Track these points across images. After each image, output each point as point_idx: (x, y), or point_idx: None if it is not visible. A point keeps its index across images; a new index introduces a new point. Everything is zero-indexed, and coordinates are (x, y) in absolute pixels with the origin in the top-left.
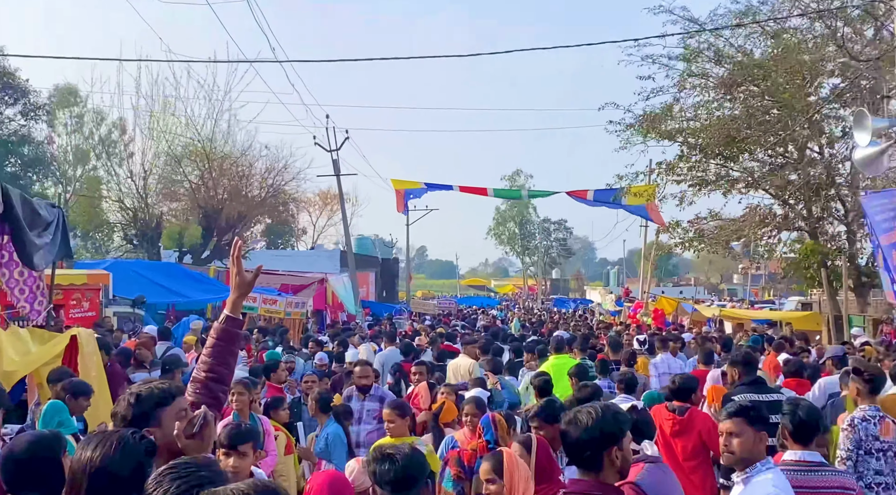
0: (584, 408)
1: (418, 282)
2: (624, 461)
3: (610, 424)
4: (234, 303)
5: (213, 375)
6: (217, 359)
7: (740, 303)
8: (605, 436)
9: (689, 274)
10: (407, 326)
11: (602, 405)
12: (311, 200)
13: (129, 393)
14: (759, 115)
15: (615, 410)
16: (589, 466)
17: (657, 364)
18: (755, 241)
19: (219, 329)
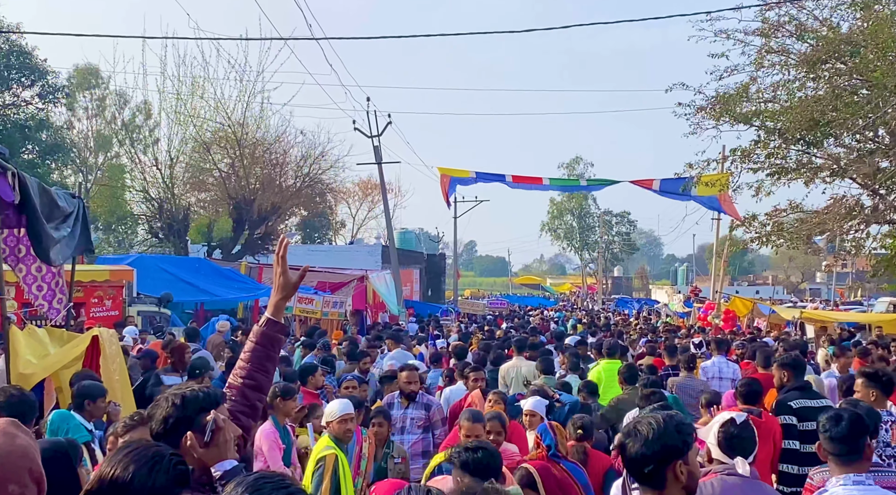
0: (645, 420)
1: (466, 281)
2: (690, 477)
3: (673, 437)
4: (277, 306)
5: (250, 382)
6: (255, 365)
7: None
8: (668, 450)
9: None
10: (454, 328)
11: (665, 415)
12: (350, 191)
13: (173, 394)
14: (847, 96)
15: (678, 421)
16: (651, 482)
17: (707, 368)
18: (841, 236)
19: (259, 333)
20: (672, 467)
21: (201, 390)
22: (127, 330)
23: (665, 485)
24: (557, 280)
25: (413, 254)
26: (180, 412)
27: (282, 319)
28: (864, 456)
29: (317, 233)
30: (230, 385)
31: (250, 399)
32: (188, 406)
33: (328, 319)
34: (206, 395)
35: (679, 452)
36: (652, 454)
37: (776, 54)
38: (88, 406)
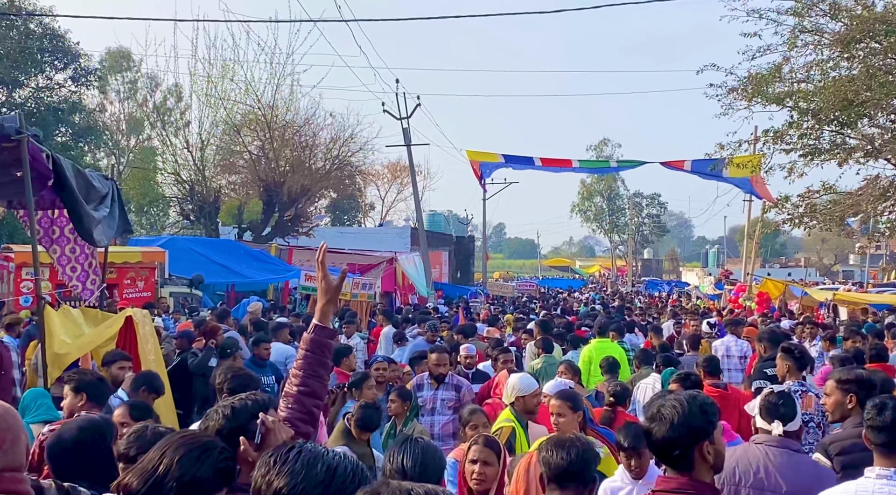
0: (668, 402)
1: (496, 263)
2: (717, 456)
3: (698, 418)
4: (323, 312)
5: (305, 389)
6: (308, 372)
7: (857, 286)
8: (694, 432)
9: (799, 254)
10: (483, 311)
11: (688, 396)
12: (379, 173)
13: (223, 405)
14: (881, 76)
15: (702, 401)
16: (679, 465)
17: (717, 346)
18: (875, 217)
19: (308, 340)
20: (699, 448)
21: (250, 398)
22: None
23: (693, 466)
24: (587, 262)
25: (442, 237)
26: (232, 422)
27: (330, 324)
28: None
29: (346, 216)
30: (286, 393)
31: (307, 405)
32: (239, 415)
33: (357, 301)
34: (255, 403)
35: (705, 433)
36: (678, 437)
37: (809, 34)
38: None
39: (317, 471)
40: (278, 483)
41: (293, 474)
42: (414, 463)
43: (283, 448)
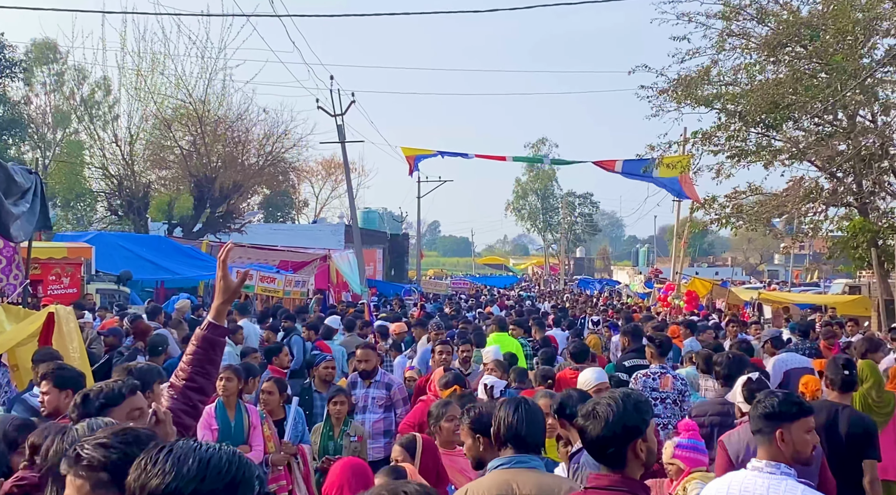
0: (603, 400)
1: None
2: (649, 453)
3: (632, 417)
4: (219, 310)
5: (191, 384)
6: (196, 368)
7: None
8: (628, 430)
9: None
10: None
11: (623, 394)
12: (313, 170)
13: (80, 392)
14: (806, 79)
15: (636, 400)
16: (612, 463)
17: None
18: (799, 218)
19: (200, 336)
20: (633, 446)
21: (108, 385)
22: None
23: (626, 464)
24: (520, 260)
25: (376, 234)
26: (83, 410)
27: (224, 323)
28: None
29: (279, 212)
30: (172, 384)
31: (192, 399)
32: (89, 403)
33: (290, 298)
34: (109, 391)
35: (639, 431)
36: (613, 435)
37: (737, 37)
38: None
39: (189, 467)
40: (151, 484)
41: (164, 473)
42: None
43: (154, 448)
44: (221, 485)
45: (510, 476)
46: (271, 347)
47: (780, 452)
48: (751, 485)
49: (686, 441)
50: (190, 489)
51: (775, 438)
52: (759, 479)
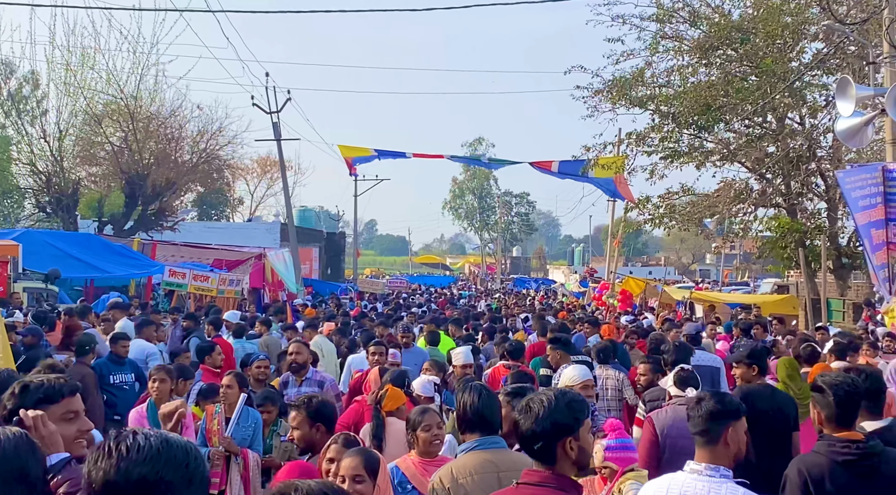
0: (538, 396)
1: (367, 259)
2: (581, 453)
3: (563, 414)
4: None
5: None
6: None
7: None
8: (559, 427)
9: (660, 253)
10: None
11: (558, 392)
12: (248, 167)
13: (18, 382)
14: (737, 82)
15: (570, 398)
16: (541, 457)
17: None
18: (729, 218)
19: None
20: (562, 443)
21: (49, 380)
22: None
23: (556, 461)
24: (457, 259)
25: (312, 233)
26: (19, 402)
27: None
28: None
29: (214, 210)
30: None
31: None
32: (28, 396)
33: (224, 297)
34: (49, 387)
35: (570, 429)
36: (542, 431)
37: (670, 40)
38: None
39: (150, 454)
40: (109, 474)
41: (125, 460)
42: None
43: (115, 437)
44: (177, 475)
45: (488, 456)
46: (203, 347)
47: (723, 453)
48: (691, 489)
49: (614, 442)
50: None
51: (722, 438)
52: (698, 483)
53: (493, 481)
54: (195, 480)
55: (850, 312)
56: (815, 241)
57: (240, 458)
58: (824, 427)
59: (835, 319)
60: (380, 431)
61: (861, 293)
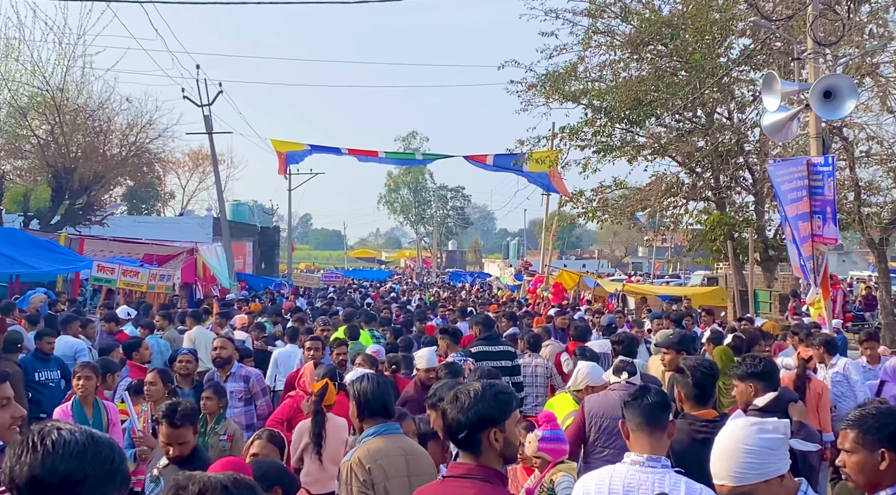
0: (468, 387)
1: (301, 254)
2: (506, 445)
3: (489, 406)
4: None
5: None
6: None
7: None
8: (483, 419)
9: (593, 246)
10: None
11: (487, 384)
12: (179, 161)
13: None
14: (668, 77)
15: (498, 391)
16: (466, 447)
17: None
18: (661, 212)
19: None
20: (487, 434)
21: None
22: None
23: (480, 451)
24: (393, 253)
25: (246, 227)
26: None
27: None
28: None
29: (144, 205)
30: None
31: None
32: None
33: (154, 293)
34: None
35: (494, 421)
36: (466, 420)
37: (602, 35)
38: None
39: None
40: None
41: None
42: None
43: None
44: (102, 471)
45: (393, 440)
46: (130, 343)
47: (665, 443)
48: (635, 481)
49: (548, 433)
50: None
51: (666, 429)
52: (642, 474)
53: (403, 463)
54: (118, 477)
55: (777, 303)
56: (743, 234)
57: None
58: (685, 405)
59: (762, 310)
60: (320, 428)
61: (787, 285)
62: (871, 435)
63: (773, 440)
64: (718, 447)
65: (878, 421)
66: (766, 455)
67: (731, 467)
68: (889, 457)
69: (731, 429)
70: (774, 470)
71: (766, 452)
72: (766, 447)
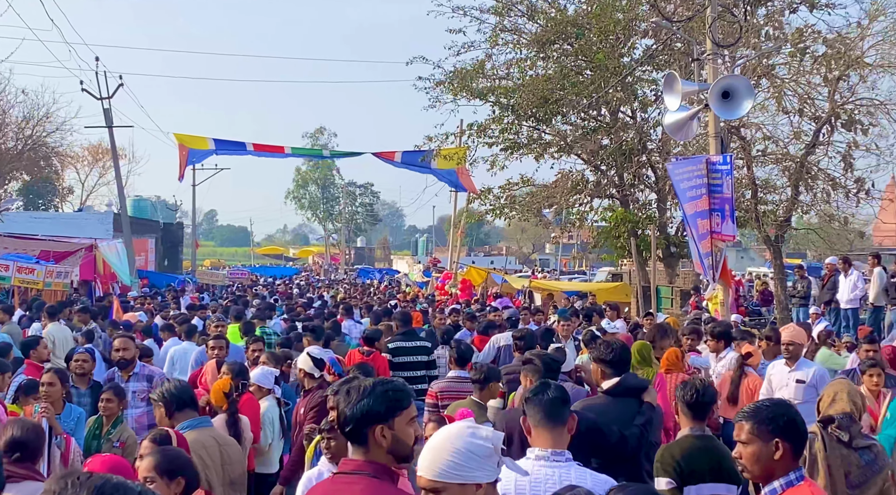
0: (361, 382)
1: (206, 250)
2: (395, 442)
3: (377, 402)
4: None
5: None
6: None
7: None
8: (368, 414)
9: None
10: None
11: (380, 380)
12: (78, 155)
13: None
14: (573, 76)
15: (392, 387)
16: (355, 442)
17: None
18: (567, 209)
19: None
20: (373, 430)
21: None
22: None
23: (368, 445)
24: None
25: (148, 223)
26: None
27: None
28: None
29: (41, 200)
30: None
31: None
32: None
33: (51, 290)
34: None
35: (381, 417)
36: (351, 415)
37: (510, 33)
38: None
39: None
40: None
41: None
42: None
43: None
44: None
45: (208, 432)
46: (28, 340)
47: (566, 437)
48: (541, 475)
49: None
50: None
51: (568, 423)
52: (547, 469)
53: (218, 453)
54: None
55: (678, 299)
56: (646, 231)
57: (61, 439)
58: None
59: (664, 306)
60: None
61: (688, 281)
62: (765, 425)
63: (480, 447)
64: (431, 441)
65: (772, 412)
66: (469, 459)
67: (434, 461)
68: (783, 447)
69: (448, 428)
70: (474, 477)
71: (470, 456)
72: (472, 452)
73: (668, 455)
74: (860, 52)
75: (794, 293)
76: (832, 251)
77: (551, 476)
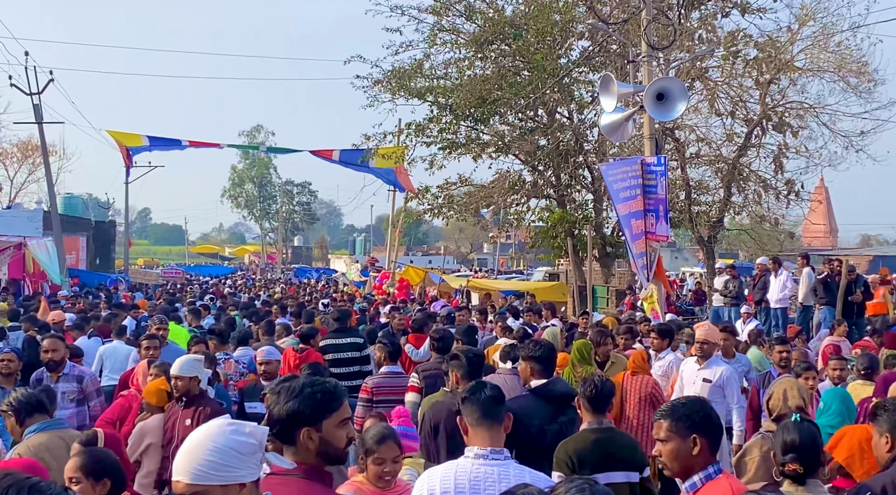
0: (292, 383)
1: (140, 249)
2: (323, 444)
3: (303, 404)
4: None
5: None
6: None
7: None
8: (294, 416)
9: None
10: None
11: (310, 381)
12: (7, 151)
13: None
14: (510, 76)
15: (320, 390)
16: (285, 443)
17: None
18: (504, 208)
19: None
20: (300, 432)
21: None
22: None
23: (297, 446)
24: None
25: (79, 221)
26: None
27: None
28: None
29: None
30: None
31: None
32: None
33: None
34: None
35: (306, 419)
36: (279, 416)
37: (448, 33)
38: None
39: None
40: None
41: None
42: None
43: None
44: None
45: (57, 433)
46: None
47: (501, 436)
48: (481, 474)
49: (399, 429)
50: None
51: (504, 422)
52: (486, 467)
53: (66, 454)
54: None
55: (614, 298)
56: (582, 231)
57: None
58: (459, 383)
59: (600, 305)
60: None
61: (624, 280)
62: (683, 422)
63: (243, 443)
64: (187, 441)
65: (689, 409)
66: (230, 457)
67: (191, 463)
68: (700, 443)
69: (206, 426)
70: (236, 476)
71: (232, 454)
72: (233, 449)
73: (562, 450)
74: (790, 56)
75: (726, 293)
76: (763, 251)
77: (491, 474)
